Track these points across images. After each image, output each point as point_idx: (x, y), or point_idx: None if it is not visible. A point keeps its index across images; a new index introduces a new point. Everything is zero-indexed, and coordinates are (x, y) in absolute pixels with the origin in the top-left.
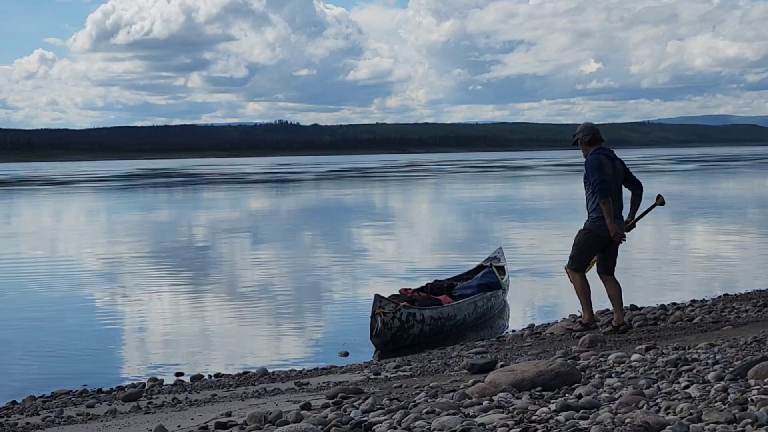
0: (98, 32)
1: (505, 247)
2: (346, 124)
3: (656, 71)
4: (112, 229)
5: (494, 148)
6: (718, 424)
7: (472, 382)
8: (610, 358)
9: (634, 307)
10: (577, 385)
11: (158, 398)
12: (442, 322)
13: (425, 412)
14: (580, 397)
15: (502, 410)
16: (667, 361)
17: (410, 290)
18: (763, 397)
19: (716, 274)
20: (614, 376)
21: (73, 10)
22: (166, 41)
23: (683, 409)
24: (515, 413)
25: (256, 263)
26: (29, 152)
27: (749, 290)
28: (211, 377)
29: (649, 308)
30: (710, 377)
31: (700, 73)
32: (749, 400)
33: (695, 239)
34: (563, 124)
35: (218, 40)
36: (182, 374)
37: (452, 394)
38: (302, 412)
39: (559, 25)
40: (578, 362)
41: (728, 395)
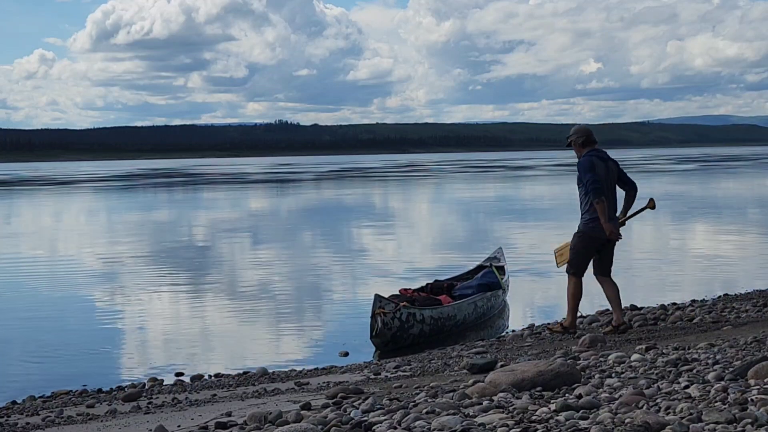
0: (98, 32)
1: (505, 247)
2: (346, 124)
3: (656, 71)
4: (112, 229)
5: (494, 148)
6: (718, 424)
7: (472, 382)
8: (610, 358)
9: (634, 307)
10: (577, 385)
11: (158, 398)
12: (442, 322)
13: (425, 412)
14: (580, 397)
15: (502, 410)
16: (667, 361)
17: (410, 290)
18: (763, 397)
19: (716, 274)
20: (614, 376)
21: (73, 10)
22: (166, 41)
23: (683, 409)
24: (515, 413)
25: (256, 263)
26: (29, 152)
27: (749, 290)
28: (211, 377)
29: (649, 308)
30: (710, 377)
31: (700, 73)
32: (749, 400)
33: (695, 239)
34: (563, 124)
35: (218, 40)
36: (182, 374)
37: (452, 394)
38: (302, 412)
39: (559, 25)
40: (578, 362)
41: (728, 395)
